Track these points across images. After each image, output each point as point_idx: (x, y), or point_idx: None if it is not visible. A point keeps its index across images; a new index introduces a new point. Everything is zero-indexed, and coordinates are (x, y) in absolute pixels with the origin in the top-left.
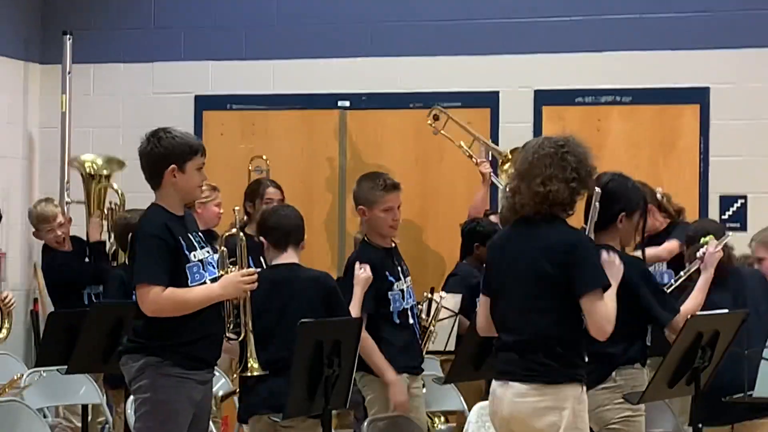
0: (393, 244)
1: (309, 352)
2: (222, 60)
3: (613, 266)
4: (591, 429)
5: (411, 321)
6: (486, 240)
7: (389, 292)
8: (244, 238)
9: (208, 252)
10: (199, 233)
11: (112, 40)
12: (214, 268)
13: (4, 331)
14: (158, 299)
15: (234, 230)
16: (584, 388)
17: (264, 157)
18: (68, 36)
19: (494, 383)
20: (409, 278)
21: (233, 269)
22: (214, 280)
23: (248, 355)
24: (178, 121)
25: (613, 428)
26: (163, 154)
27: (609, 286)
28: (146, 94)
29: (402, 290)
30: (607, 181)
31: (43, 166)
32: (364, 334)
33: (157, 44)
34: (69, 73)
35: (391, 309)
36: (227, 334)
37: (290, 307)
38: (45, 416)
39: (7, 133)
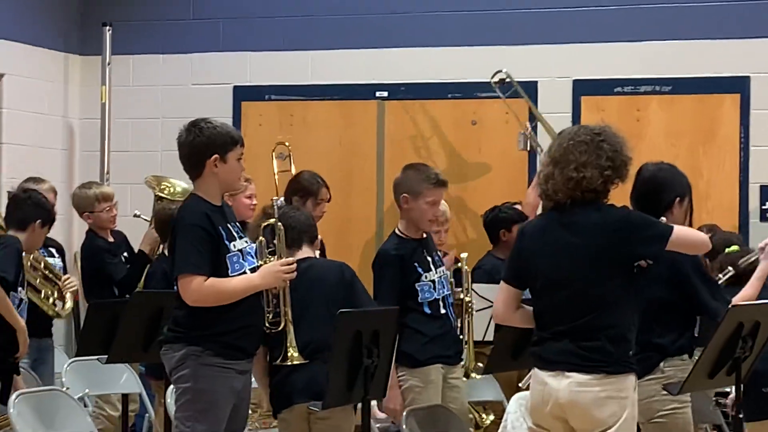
0: (424, 235)
1: (348, 342)
2: (260, 51)
3: None
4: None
5: (443, 311)
6: (510, 225)
7: (416, 284)
8: (282, 228)
9: (246, 242)
10: (237, 224)
11: (151, 32)
12: (252, 258)
13: (66, 308)
14: (200, 289)
15: (272, 220)
16: (636, 377)
17: (287, 143)
18: (108, 27)
19: (542, 373)
20: (442, 268)
21: (272, 259)
22: (253, 270)
23: (288, 344)
24: (217, 112)
25: (659, 421)
26: (205, 144)
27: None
28: (185, 85)
29: (433, 281)
30: (656, 171)
31: (82, 157)
32: None
33: (195, 35)
34: (108, 64)
35: (420, 300)
36: (267, 325)
37: (311, 297)
38: (85, 405)
39: (47, 124)
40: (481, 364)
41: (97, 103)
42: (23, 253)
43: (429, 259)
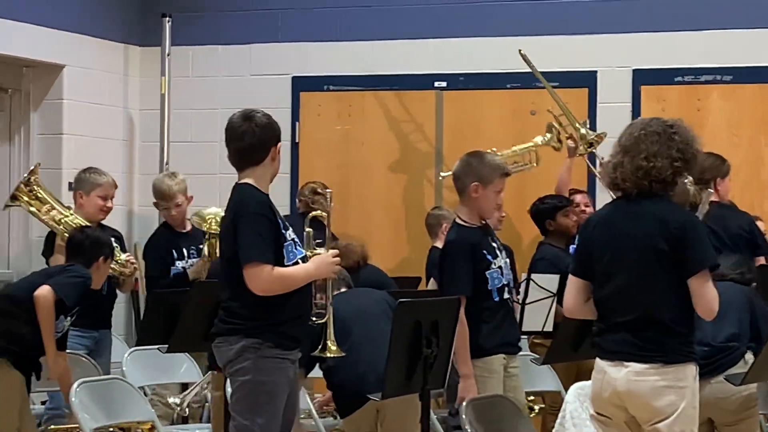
0: (484, 222)
1: (408, 333)
2: (319, 41)
3: None
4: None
5: (507, 296)
6: (553, 213)
7: (487, 271)
8: (327, 219)
9: (293, 232)
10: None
11: (210, 23)
12: (300, 247)
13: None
14: (270, 278)
15: (318, 212)
16: (697, 367)
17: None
18: (167, 18)
19: (602, 363)
20: (504, 253)
21: (319, 250)
22: (302, 259)
23: (327, 336)
24: (276, 103)
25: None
26: (271, 132)
27: (718, 266)
28: (244, 76)
29: (500, 267)
30: None
31: (142, 147)
32: (459, 321)
33: (254, 26)
34: (168, 55)
35: (489, 287)
36: (312, 318)
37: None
38: (146, 394)
39: (107, 115)
40: (537, 355)
41: (156, 94)
42: (89, 289)
43: (494, 245)
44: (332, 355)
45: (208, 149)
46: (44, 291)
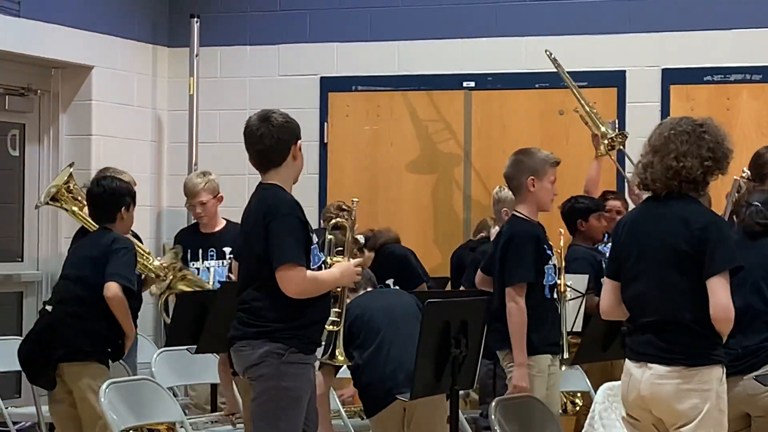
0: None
1: (436, 333)
2: (347, 42)
3: None
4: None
5: (554, 296)
6: (587, 215)
7: (545, 266)
8: (349, 228)
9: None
10: None
11: (238, 23)
12: (321, 252)
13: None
14: (303, 281)
15: (340, 219)
16: (724, 369)
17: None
18: (196, 19)
19: (629, 364)
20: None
21: (340, 258)
22: (323, 265)
23: (336, 344)
24: (304, 103)
25: None
26: (291, 131)
27: (741, 268)
28: (272, 77)
29: (554, 265)
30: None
31: (171, 148)
32: (518, 307)
33: (282, 27)
34: (196, 56)
35: (545, 282)
36: (326, 326)
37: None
38: (175, 395)
39: (136, 116)
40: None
41: (185, 95)
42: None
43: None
44: (339, 364)
45: (237, 150)
46: (114, 290)
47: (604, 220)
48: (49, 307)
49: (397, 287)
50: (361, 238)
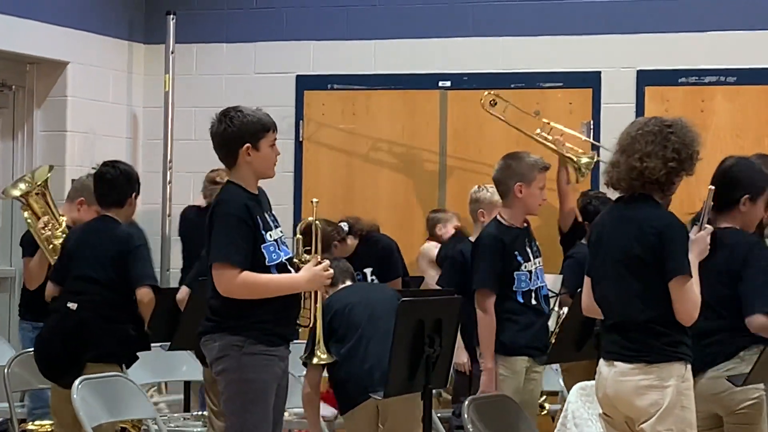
0: (526, 224)
1: (410, 331)
2: (324, 40)
3: (702, 243)
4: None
5: (534, 302)
6: (593, 219)
7: (515, 272)
8: (319, 227)
9: (281, 231)
10: (272, 212)
11: (214, 20)
12: (287, 247)
13: None
14: (232, 281)
15: (311, 219)
16: (688, 366)
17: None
18: (172, 16)
19: (601, 362)
20: (539, 259)
21: (308, 257)
22: (289, 260)
23: (316, 344)
24: (279, 101)
25: (743, 412)
26: (237, 134)
27: (687, 275)
28: (248, 74)
29: (530, 271)
30: (731, 166)
31: (146, 145)
32: (483, 313)
33: (259, 24)
34: (172, 53)
35: (515, 288)
36: (298, 321)
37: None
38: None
39: (111, 112)
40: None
41: (160, 92)
42: None
43: (528, 249)
44: (320, 362)
45: (212, 147)
46: (148, 294)
47: None
48: (72, 305)
49: (374, 277)
50: (344, 226)
